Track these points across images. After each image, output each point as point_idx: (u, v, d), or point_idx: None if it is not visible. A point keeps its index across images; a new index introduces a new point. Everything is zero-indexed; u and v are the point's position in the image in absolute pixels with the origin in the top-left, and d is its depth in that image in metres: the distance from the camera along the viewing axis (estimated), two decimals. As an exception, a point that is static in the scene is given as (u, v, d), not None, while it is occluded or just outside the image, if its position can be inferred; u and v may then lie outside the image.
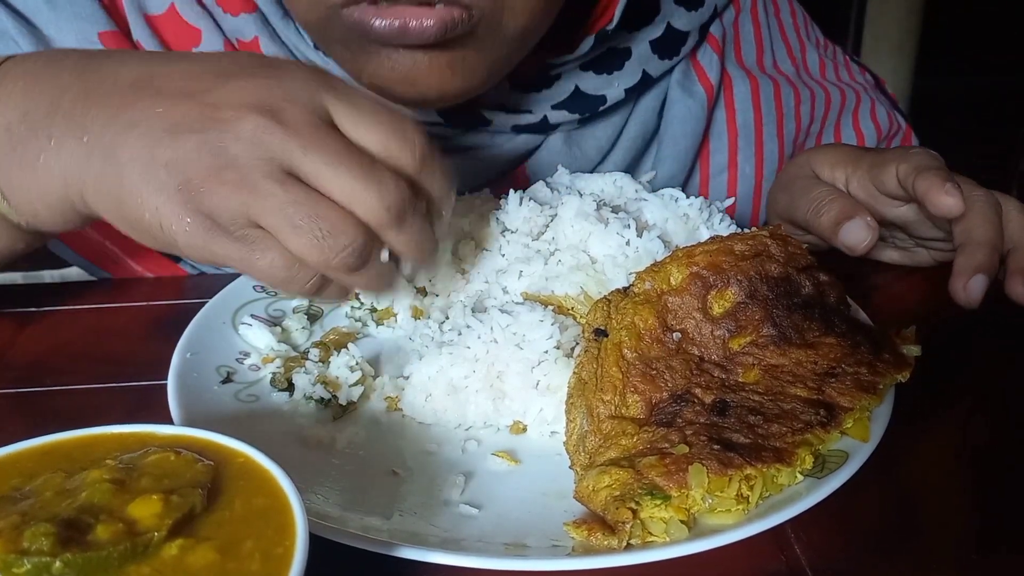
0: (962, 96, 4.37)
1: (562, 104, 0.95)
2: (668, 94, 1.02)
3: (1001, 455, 0.68)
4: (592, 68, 0.95)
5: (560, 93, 0.95)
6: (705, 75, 1.02)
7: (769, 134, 1.08)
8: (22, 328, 0.84)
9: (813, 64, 1.15)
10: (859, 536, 0.59)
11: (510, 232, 0.81)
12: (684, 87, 1.02)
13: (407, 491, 0.63)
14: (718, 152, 1.06)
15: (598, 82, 0.96)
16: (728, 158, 1.07)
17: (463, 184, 0.91)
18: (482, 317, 0.71)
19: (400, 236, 0.63)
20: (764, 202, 1.07)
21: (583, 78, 0.95)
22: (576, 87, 0.95)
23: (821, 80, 1.15)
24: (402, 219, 0.62)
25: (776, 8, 1.13)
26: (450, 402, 0.69)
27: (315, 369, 0.73)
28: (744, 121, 1.06)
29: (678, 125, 1.02)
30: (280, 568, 0.43)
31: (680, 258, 0.67)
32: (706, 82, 1.02)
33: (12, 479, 0.48)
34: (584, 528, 0.56)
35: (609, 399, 0.63)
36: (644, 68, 0.97)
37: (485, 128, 0.94)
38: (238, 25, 0.91)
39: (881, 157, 0.86)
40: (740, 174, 1.08)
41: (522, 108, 0.94)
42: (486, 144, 0.96)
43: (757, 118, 1.06)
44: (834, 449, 0.61)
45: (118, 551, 0.42)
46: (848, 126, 1.15)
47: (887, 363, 0.65)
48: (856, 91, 1.16)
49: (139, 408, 0.72)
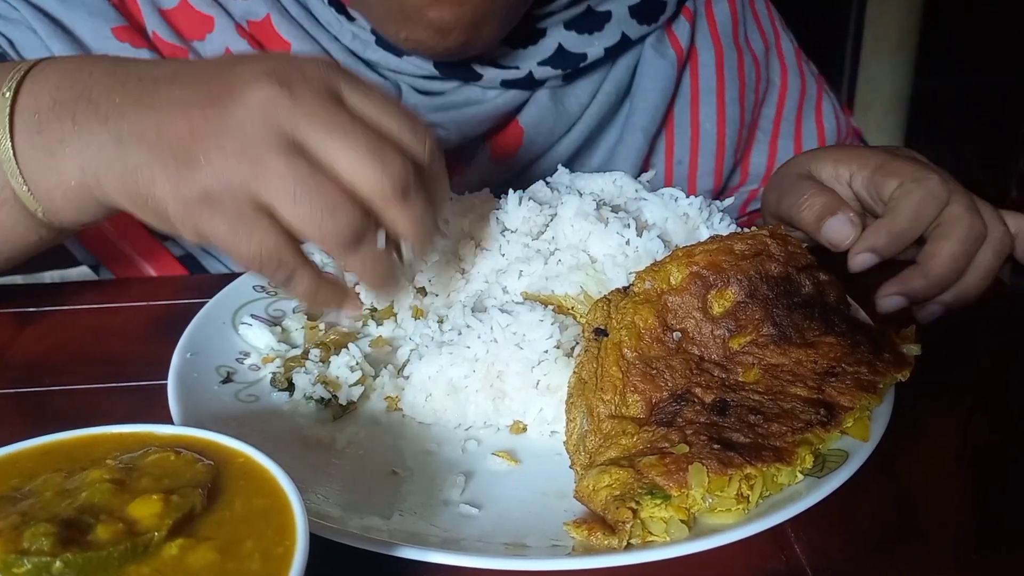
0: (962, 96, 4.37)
1: (547, 61, 1.02)
2: (642, 54, 1.10)
3: (1001, 454, 0.68)
4: (575, 28, 1.03)
5: (545, 50, 1.02)
6: (677, 41, 1.11)
7: (731, 98, 1.16)
8: (22, 328, 0.84)
9: (787, 49, 1.22)
10: (859, 535, 0.59)
11: (510, 232, 0.81)
12: (657, 49, 1.10)
13: (407, 491, 0.63)
14: (682, 111, 1.14)
15: (580, 41, 1.03)
16: (691, 117, 1.15)
17: (463, 136, 1.02)
18: (482, 317, 0.71)
19: (402, 214, 0.63)
20: (727, 160, 1.17)
21: (566, 37, 1.03)
22: (560, 45, 1.02)
23: (796, 64, 1.22)
24: (406, 196, 0.62)
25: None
26: (450, 402, 0.69)
27: (315, 369, 0.73)
28: (707, 84, 1.15)
29: (649, 81, 1.10)
30: (280, 568, 0.43)
31: (680, 258, 0.67)
32: (677, 47, 1.11)
33: (12, 479, 0.48)
34: (584, 528, 0.56)
35: (609, 399, 0.63)
36: (623, 30, 1.05)
37: (477, 83, 1.01)
38: (248, 7, 0.96)
39: (891, 167, 0.84)
40: (702, 131, 1.15)
41: (510, 64, 1.01)
42: (478, 99, 1.02)
43: (720, 83, 1.15)
44: (834, 448, 0.61)
45: (118, 551, 0.42)
46: (811, 119, 1.23)
47: (887, 362, 0.65)
48: (819, 84, 1.24)
49: (139, 408, 0.72)
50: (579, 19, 1.03)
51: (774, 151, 1.22)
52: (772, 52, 1.21)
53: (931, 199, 0.79)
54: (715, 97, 1.15)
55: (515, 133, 1.06)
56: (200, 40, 0.96)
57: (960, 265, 0.80)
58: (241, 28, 0.96)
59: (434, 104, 1.01)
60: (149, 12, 0.95)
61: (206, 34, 0.96)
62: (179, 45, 0.95)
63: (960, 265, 0.80)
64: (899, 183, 0.81)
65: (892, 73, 3.78)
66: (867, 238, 0.81)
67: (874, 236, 0.80)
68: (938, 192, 0.79)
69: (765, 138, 1.22)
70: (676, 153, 1.15)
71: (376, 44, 0.97)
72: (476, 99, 1.02)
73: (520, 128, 1.06)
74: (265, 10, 0.96)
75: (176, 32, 0.96)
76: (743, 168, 1.22)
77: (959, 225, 0.79)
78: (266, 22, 0.96)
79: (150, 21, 0.95)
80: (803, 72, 1.23)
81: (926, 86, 3.85)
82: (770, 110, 1.21)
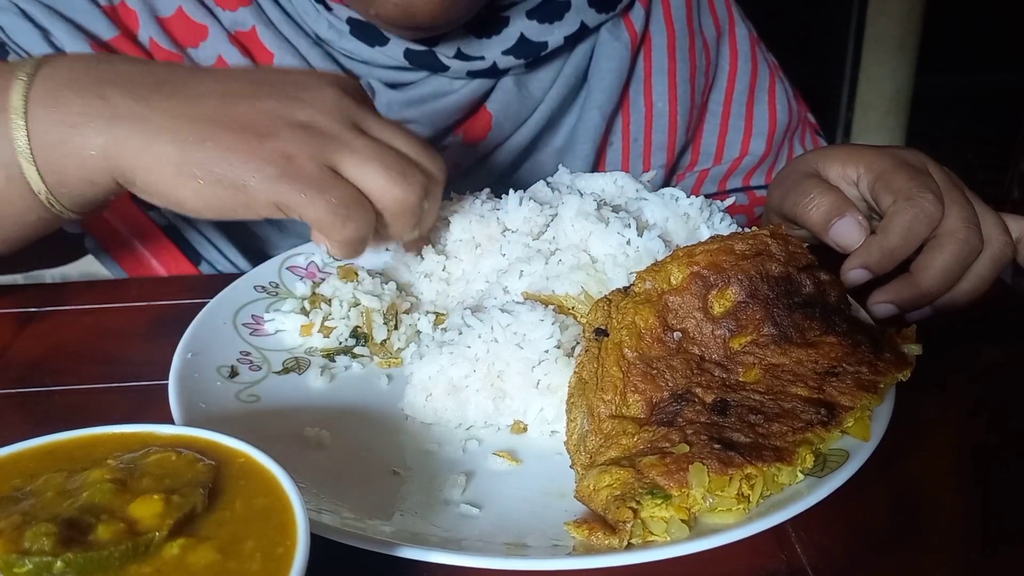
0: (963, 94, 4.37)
1: (510, 50, 1.07)
2: (598, 38, 1.15)
3: (1002, 454, 0.68)
4: (536, 17, 1.08)
5: (508, 39, 1.07)
6: (632, 26, 1.16)
7: (683, 79, 1.20)
8: (23, 328, 0.84)
9: (742, 35, 1.26)
10: (860, 535, 0.59)
11: (510, 232, 0.81)
12: (612, 33, 1.15)
13: (408, 491, 0.63)
14: (637, 91, 1.20)
15: (540, 30, 1.08)
16: (645, 96, 1.20)
17: (435, 128, 1.08)
18: (482, 317, 0.71)
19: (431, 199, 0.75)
20: (679, 136, 1.22)
21: (528, 27, 1.08)
22: (522, 34, 1.07)
23: (749, 51, 1.27)
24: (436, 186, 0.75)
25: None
26: (451, 401, 0.70)
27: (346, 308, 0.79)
28: (659, 65, 1.20)
29: (604, 62, 1.15)
30: (281, 568, 0.43)
31: (680, 257, 0.67)
32: (632, 31, 1.16)
33: (13, 479, 0.48)
34: (585, 527, 0.56)
35: (610, 399, 0.63)
36: (582, 19, 1.10)
37: (444, 74, 1.06)
38: (236, 18, 1.01)
39: (890, 178, 0.83)
40: (655, 110, 1.21)
41: (475, 55, 1.05)
42: (447, 90, 1.08)
43: (671, 64, 1.20)
44: (835, 448, 0.61)
45: (119, 551, 0.42)
46: (763, 103, 1.27)
47: (888, 362, 0.65)
48: (772, 71, 1.29)
49: (140, 408, 0.72)
50: (540, 8, 1.07)
51: (724, 131, 1.27)
52: (724, 38, 1.26)
53: (923, 219, 0.79)
54: (667, 77, 1.20)
55: (484, 119, 1.11)
56: (194, 47, 1.00)
57: (952, 277, 0.80)
58: (231, 36, 1.01)
59: (406, 98, 1.06)
60: (146, 19, 0.98)
61: (200, 42, 1.00)
62: (175, 52, 0.99)
63: (952, 277, 0.80)
64: (894, 199, 0.81)
65: (893, 73, 3.78)
66: (860, 254, 0.81)
67: (867, 253, 0.80)
68: (931, 212, 0.79)
69: (715, 120, 1.27)
70: (632, 131, 1.21)
71: (350, 33, 1.01)
72: (444, 90, 1.07)
73: (488, 114, 1.11)
74: (252, 21, 1.01)
75: (172, 39, 0.99)
76: (695, 147, 1.27)
77: (953, 239, 0.79)
78: (252, 33, 1.01)
79: (147, 28, 0.99)
80: (756, 58, 1.27)
81: (927, 85, 3.85)
82: (719, 94, 1.26)
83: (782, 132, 1.27)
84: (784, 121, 1.28)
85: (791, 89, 1.30)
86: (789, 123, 1.28)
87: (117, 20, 0.98)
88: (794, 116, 1.29)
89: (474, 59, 1.05)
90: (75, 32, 0.94)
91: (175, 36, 1.00)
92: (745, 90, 1.26)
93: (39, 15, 0.93)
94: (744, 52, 1.26)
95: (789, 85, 1.30)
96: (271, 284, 0.85)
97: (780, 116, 1.27)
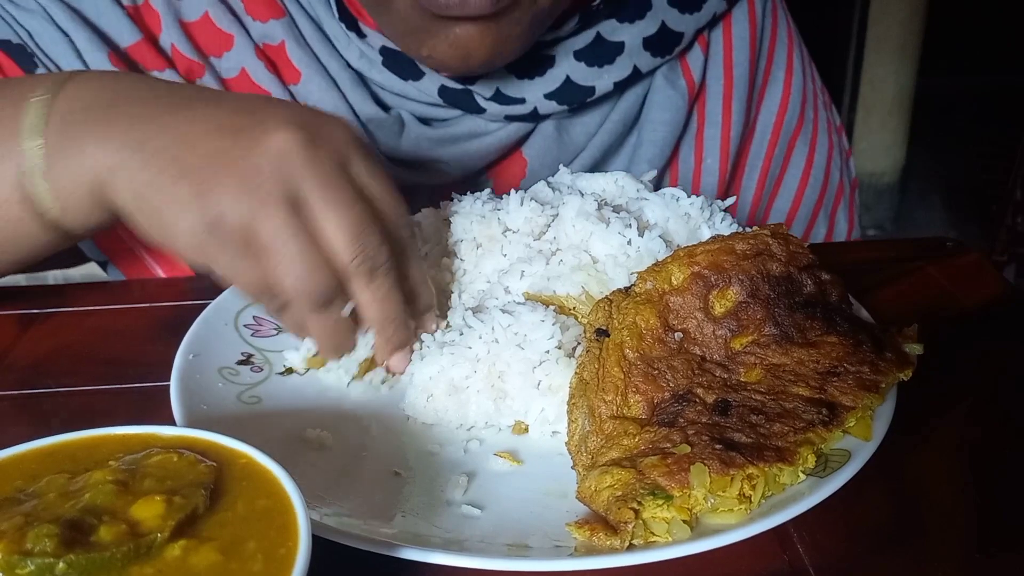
0: (966, 96, 4.36)
1: (553, 94, 0.98)
2: (653, 83, 1.06)
3: (1003, 453, 0.67)
4: (584, 59, 0.99)
5: (552, 81, 0.98)
6: (690, 72, 1.07)
7: (736, 133, 1.11)
8: (25, 329, 0.84)
9: (797, 84, 1.15)
10: (862, 535, 0.59)
11: (511, 232, 0.81)
12: (668, 79, 1.06)
13: (409, 492, 0.63)
14: (687, 147, 1.11)
15: (589, 73, 0.99)
16: (695, 150, 1.11)
17: (465, 171, 1.01)
18: (483, 317, 0.71)
19: (365, 293, 0.69)
20: (727, 195, 1.10)
21: (575, 69, 0.99)
22: (568, 77, 0.98)
23: (799, 103, 1.16)
24: (372, 276, 0.68)
25: (774, 21, 1.15)
26: (451, 402, 0.70)
27: None
28: (712, 117, 1.10)
29: (657, 112, 1.06)
30: (282, 569, 0.43)
31: (681, 258, 0.67)
32: (689, 78, 1.07)
33: (15, 480, 0.48)
34: (586, 528, 0.56)
35: (611, 399, 0.63)
36: (635, 63, 1.01)
37: (480, 115, 0.99)
38: (266, 31, 0.97)
39: None
40: (704, 165, 1.12)
41: (515, 96, 0.98)
42: (481, 131, 1.00)
43: (726, 117, 1.10)
44: (836, 448, 0.61)
45: (121, 552, 0.43)
46: (803, 154, 1.17)
47: (889, 362, 0.65)
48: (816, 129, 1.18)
49: (142, 409, 0.72)
50: (589, 49, 0.99)
51: (758, 195, 1.17)
52: (777, 85, 1.15)
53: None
54: (720, 131, 1.10)
55: (518, 164, 1.04)
56: (217, 57, 0.97)
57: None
58: (259, 49, 0.97)
59: (437, 136, 1.00)
60: (170, 23, 0.95)
61: (224, 52, 0.96)
62: (197, 60, 0.96)
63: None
64: None
65: (895, 74, 3.78)
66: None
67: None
68: None
69: (753, 175, 1.16)
70: (680, 186, 1.11)
71: (383, 64, 0.96)
72: (479, 131, 1.00)
73: (524, 159, 1.04)
74: (281, 35, 0.96)
75: (196, 47, 0.96)
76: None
77: None
78: (281, 47, 0.97)
79: (170, 33, 0.95)
80: (803, 113, 1.17)
81: (930, 87, 3.85)
82: (760, 146, 1.16)
83: (810, 207, 1.17)
84: (813, 198, 1.16)
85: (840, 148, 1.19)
86: (821, 196, 1.17)
87: (140, 22, 0.95)
88: (830, 188, 1.18)
89: (513, 101, 0.97)
90: (95, 40, 0.91)
91: (198, 43, 0.96)
92: (784, 147, 1.16)
93: (62, 17, 0.91)
94: (794, 104, 1.15)
95: (840, 146, 1.20)
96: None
97: (809, 191, 1.16)
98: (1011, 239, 2.51)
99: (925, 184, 3.95)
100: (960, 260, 0.93)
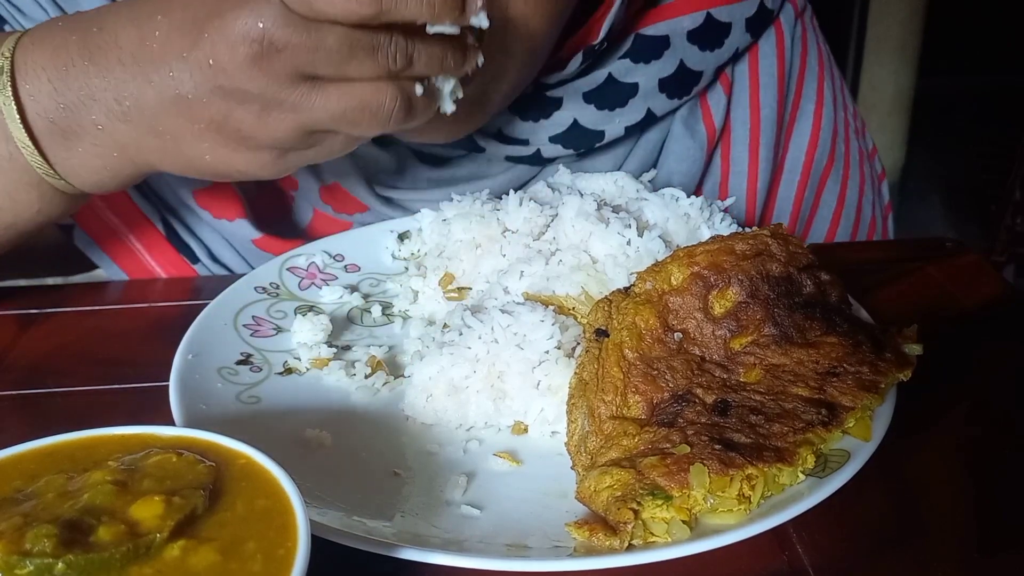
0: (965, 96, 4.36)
1: (558, 137, 0.93)
2: (671, 130, 0.99)
3: (1003, 453, 0.67)
4: (594, 102, 0.92)
5: (558, 125, 0.93)
6: (710, 116, 0.99)
7: (763, 182, 1.05)
8: (24, 329, 0.84)
9: (827, 118, 1.09)
10: (861, 535, 0.59)
11: (511, 232, 0.81)
12: (688, 125, 0.98)
13: (409, 492, 0.63)
14: (711, 194, 1.03)
15: (598, 117, 0.93)
16: (719, 196, 1.04)
17: None
18: (483, 317, 0.71)
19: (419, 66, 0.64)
20: None
21: (584, 111, 0.93)
22: (575, 120, 0.92)
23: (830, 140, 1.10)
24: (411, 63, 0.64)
25: (804, 49, 1.08)
26: (451, 402, 0.70)
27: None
28: (738, 166, 1.03)
29: (674, 163, 1.00)
30: (282, 569, 0.43)
31: (681, 258, 0.67)
32: (710, 123, 1.00)
33: (14, 480, 0.48)
34: (586, 528, 0.56)
35: (610, 399, 0.63)
36: (649, 106, 0.94)
37: (481, 155, 0.94)
38: None
39: None
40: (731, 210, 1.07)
41: (518, 137, 0.92)
42: (483, 174, 0.96)
43: (753, 163, 1.03)
44: (836, 448, 0.61)
45: (120, 552, 0.42)
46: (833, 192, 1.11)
47: (889, 362, 0.65)
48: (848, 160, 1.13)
49: (141, 409, 0.72)
50: (599, 91, 0.92)
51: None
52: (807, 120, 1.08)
53: None
54: (746, 180, 1.03)
55: None
56: None
57: None
58: None
59: (436, 177, 0.96)
60: None
61: None
62: None
63: None
64: None
65: (895, 74, 3.78)
66: None
67: None
68: None
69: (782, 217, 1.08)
70: None
71: None
72: (481, 174, 0.96)
73: None
74: None
75: None
76: None
77: None
78: None
79: None
80: (835, 143, 1.10)
81: (929, 87, 3.85)
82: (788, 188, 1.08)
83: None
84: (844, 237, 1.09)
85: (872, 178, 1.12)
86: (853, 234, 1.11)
87: None
88: (862, 225, 1.13)
89: (516, 142, 0.92)
90: None
91: None
92: (815, 185, 1.09)
93: None
94: (825, 139, 1.07)
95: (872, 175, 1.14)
96: (271, 285, 0.85)
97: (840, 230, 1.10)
98: (1011, 239, 2.51)
99: (925, 184, 3.95)
100: (960, 260, 0.93)
